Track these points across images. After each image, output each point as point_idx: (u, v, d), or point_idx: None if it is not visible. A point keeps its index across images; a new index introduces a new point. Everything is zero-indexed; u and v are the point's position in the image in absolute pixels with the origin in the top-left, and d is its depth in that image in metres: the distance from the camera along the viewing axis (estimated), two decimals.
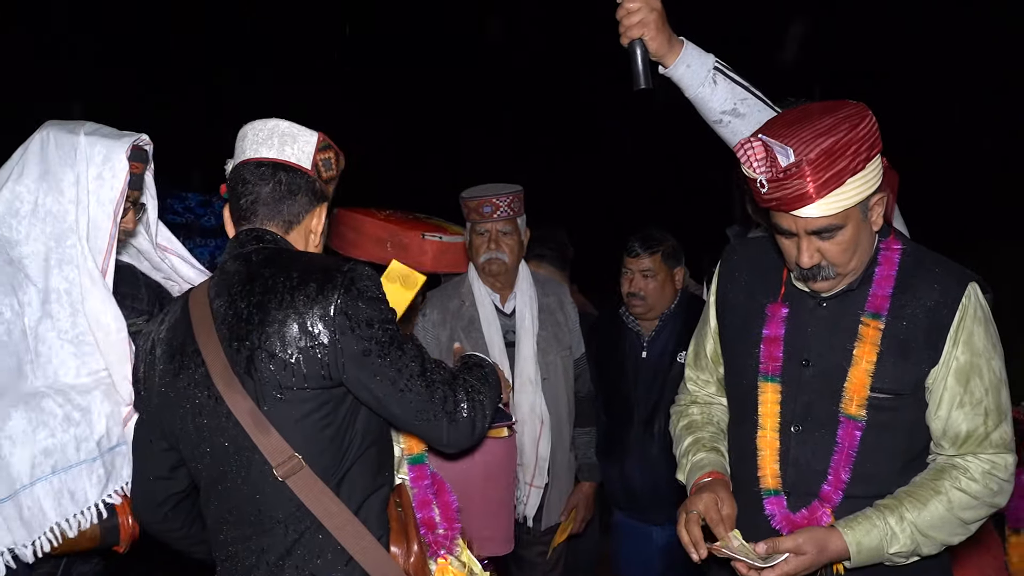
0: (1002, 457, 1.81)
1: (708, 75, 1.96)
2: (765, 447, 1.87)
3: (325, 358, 1.69)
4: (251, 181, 1.83)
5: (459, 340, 3.21)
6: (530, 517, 3.19)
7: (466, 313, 3.22)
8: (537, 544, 3.27)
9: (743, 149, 1.72)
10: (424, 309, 3.34)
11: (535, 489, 3.16)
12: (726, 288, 2.04)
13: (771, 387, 1.88)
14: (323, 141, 1.85)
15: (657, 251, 3.33)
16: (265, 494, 1.73)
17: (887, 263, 1.85)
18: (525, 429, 3.14)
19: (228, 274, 1.79)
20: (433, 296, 3.37)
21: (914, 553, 1.78)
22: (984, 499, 1.80)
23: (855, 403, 1.80)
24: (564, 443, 3.26)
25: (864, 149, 1.71)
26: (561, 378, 3.24)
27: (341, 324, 1.69)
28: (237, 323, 1.73)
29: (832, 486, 1.81)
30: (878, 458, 1.82)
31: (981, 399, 1.80)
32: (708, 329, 2.10)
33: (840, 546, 1.73)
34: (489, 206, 3.12)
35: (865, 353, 1.81)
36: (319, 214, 1.86)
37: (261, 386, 1.70)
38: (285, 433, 1.70)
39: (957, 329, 1.80)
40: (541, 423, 3.15)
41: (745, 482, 1.92)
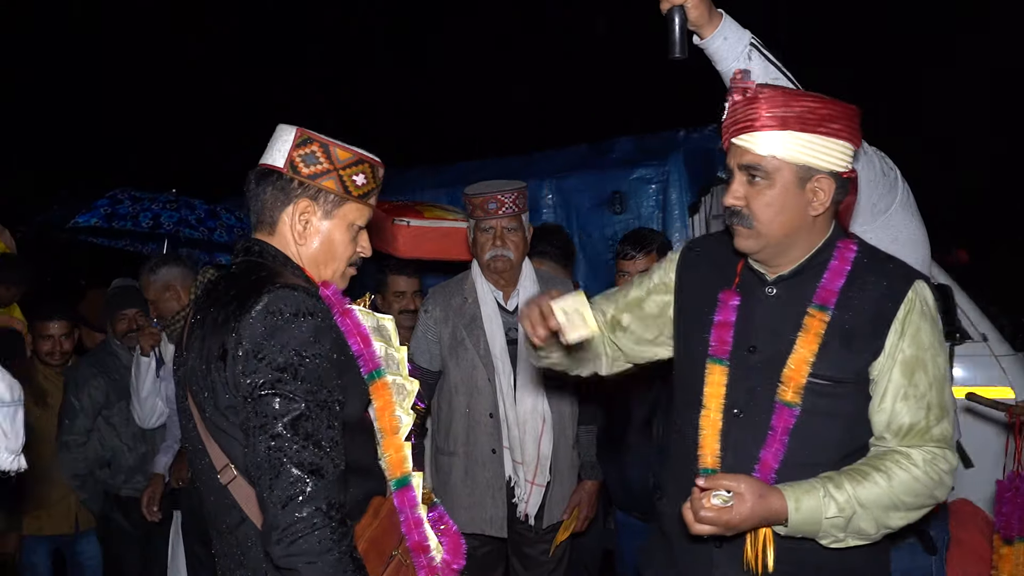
0: (943, 452, 1.82)
1: (744, 51, 1.96)
2: (707, 427, 1.88)
3: (228, 381, 1.63)
4: (248, 191, 1.83)
5: (461, 337, 3.21)
6: (532, 515, 3.18)
7: (468, 310, 3.22)
8: (540, 542, 3.27)
9: (734, 84, 1.81)
10: (426, 305, 3.33)
11: (537, 487, 3.16)
12: (686, 277, 2.07)
13: (718, 369, 1.89)
14: (301, 136, 1.78)
15: (651, 250, 3.33)
16: (216, 497, 1.73)
17: (841, 259, 1.88)
18: (527, 427, 3.14)
19: (211, 281, 1.80)
20: (435, 292, 3.36)
21: (849, 526, 1.76)
22: (925, 485, 1.80)
23: (791, 390, 1.82)
24: (567, 441, 3.25)
25: (829, 122, 1.76)
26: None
27: (234, 349, 1.60)
28: (191, 332, 1.75)
29: (762, 473, 1.81)
30: (815, 446, 1.82)
31: (925, 393, 1.82)
32: (647, 282, 2.13)
33: (780, 503, 1.73)
34: (494, 202, 3.11)
35: (807, 343, 1.83)
36: (296, 211, 1.78)
37: (196, 396, 1.71)
38: (221, 443, 1.68)
39: (904, 322, 1.82)
40: (543, 421, 3.15)
41: (683, 462, 1.94)
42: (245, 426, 1.59)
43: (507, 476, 3.18)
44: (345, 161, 1.79)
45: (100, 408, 4.03)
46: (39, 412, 4.08)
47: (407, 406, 1.81)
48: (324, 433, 1.58)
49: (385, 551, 1.72)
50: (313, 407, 1.57)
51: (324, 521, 1.52)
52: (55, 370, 4.16)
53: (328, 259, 1.83)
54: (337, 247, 1.83)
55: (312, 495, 1.52)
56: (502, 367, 3.15)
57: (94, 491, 4.06)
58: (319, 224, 1.81)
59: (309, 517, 1.52)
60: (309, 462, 1.54)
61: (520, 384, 3.15)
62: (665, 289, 2.10)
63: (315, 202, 1.79)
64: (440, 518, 1.86)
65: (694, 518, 1.72)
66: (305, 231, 1.79)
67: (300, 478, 1.53)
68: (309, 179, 1.77)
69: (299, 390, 1.57)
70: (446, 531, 1.85)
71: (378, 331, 1.81)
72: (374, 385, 1.77)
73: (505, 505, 3.17)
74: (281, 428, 1.54)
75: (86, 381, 4.02)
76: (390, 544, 1.74)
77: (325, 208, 1.80)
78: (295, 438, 1.54)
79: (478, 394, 3.18)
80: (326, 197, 1.79)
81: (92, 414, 4.01)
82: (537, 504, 3.18)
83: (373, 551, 1.68)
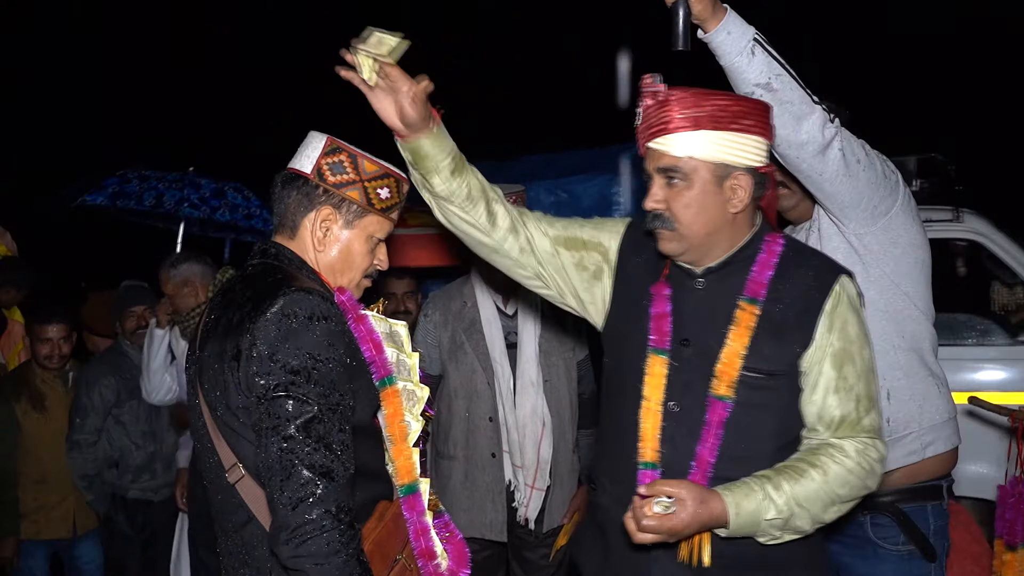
0: (874, 441, 1.85)
1: (747, 45, 1.95)
2: (648, 419, 1.87)
3: (241, 382, 1.64)
4: (273, 194, 1.84)
5: (460, 341, 3.19)
6: (532, 519, 3.18)
7: (468, 314, 3.21)
8: (540, 547, 3.26)
9: (644, 88, 1.83)
10: (426, 310, 3.33)
11: (536, 491, 3.15)
12: (627, 258, 2.05)
13: (659, 360, 1.88)
14: (331, 145, 1.79)
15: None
16: (223, 496, 1.74)
17: (769, 252, 1.90)
18: (527, 431, 3.13)
19: (228, 281, 1.80)
20: (435, 297, 3.36)
21: (787, 525, 1.78)
22: (858, 475, 1.81)
23: (724, 384, 1.82)
24: (567, 445, 3.24)
25: (741, 118, 1.80)
26: (563, 380, 3.22)
27: (248, 350, 1.62)
28: (206, 331, 1.75)
29: (699, 467, 1.82)
30: (751, 439, 1.83)
31: (853, 385, 1.84)
32: (600, 233, 2.06)
33: (720, 508, 1.73)
34: None
35: (739, 336, 1.84)
36: (318, 218, 1.80)
37: (208, 394, 1.71)
38: (231, 442, 1.69)
39: (831, 315, 1.85)
40: (543, 425, 3.14)
41: (622, 456, 1.92)
42: (257, 427, 1.60)
43: (507, 480, 3.17)
44: (372, 174, 1.80)
45: (111, 407, 4.04)
46: (37, 416, 4.08)
47: (417, 412, 1.83)
48: (335, 436, 1.59)
49: (389, 555, 1.73)
50: (325, 410, 1.59)
51: (333, 524, 1.54)
52: (52, 373, 4.15)
53: (345, 268, 1.84)
54: (355, 257, 1.84)
55: (322, 497, 1.54)
56: (501, 371, 3.15)
57: (101, 492, 4.06)
58: (339, 233, 1.82)
59: (319, 519, 1.53)
60: (320, 464, 1.56)
61: (520, 388, 3.14)
62: (604, 256, 2.05)
63: (338, 211, 1.80)
64: (445, 525, 1.87)
65: (636, 527, 1.72)
66: (325, 238, 1.81)
67: (311, 480, 1.54)
68: (334, 187, 1.79)
69: (312, 393, 1.58)
70: (451, 538, 1.86)
71: (391, 337, 1.83)
72: (385, 392, 1.79)
73: (505, 509, 3.16)
74: (293, 430, 1.56)
75: (97, 380, 4.03)
76: (394, 548, 1.75)
77: (347, 218, 1.81)
78: (307, 440, 1.56)
79: (477, 398, 3.17)
80: (349, 207, 1.80)
81: (103, 413, 4.02)
82: (537, 508, 3.18)
83: (377, 554, 1.69)
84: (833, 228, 2.26)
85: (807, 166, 2.08)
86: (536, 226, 2.04)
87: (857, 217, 2.19)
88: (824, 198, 2.18)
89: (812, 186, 2.16)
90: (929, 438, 2.27)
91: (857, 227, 2.22)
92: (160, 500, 4.15)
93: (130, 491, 4.08)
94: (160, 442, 4.14)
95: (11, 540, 4.00)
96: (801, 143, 2.03)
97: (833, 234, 2.26)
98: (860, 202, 2.16)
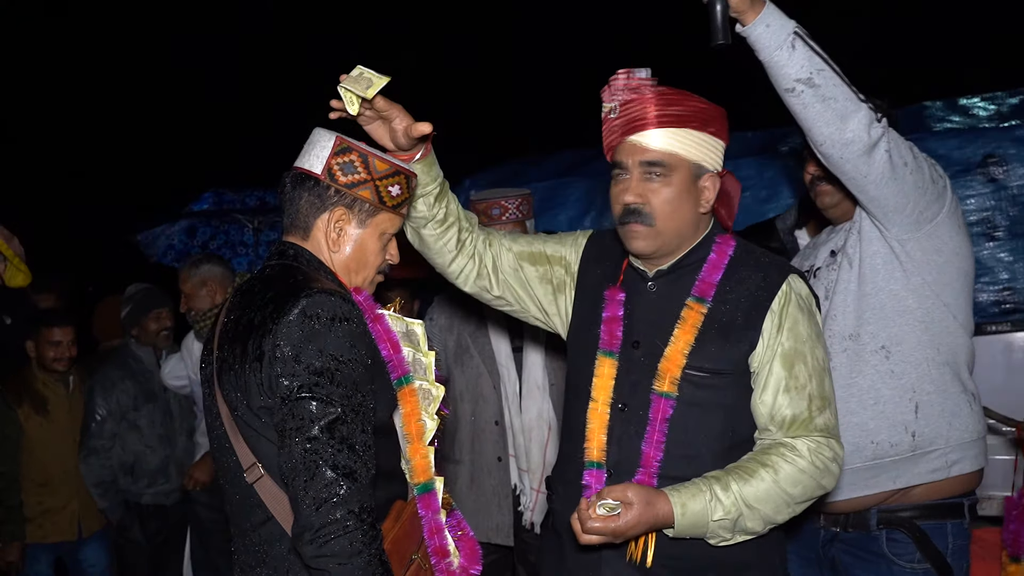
0: (828, 440, 1.85)
1: (788, 39, 1.89)
2: (595, 419, 1.90)
3: (263, 383, 1.65)
4: (283, 193, 1.85)
5: (466, 345, 3.20)
6: (537, 523, 3.16)
7: (473, 318, 3.21)
8: None
9: (610, 80, 1.86)
10: (431, 314, 3.33)
11: (542, 495, 3.13)
12: (587, 270, 2.08)
13: (608, 362, 1.91)
14: (341, 144, 1.79)
15: None
16: (240, 496, 1.75)
17: (719, 253, 1.93)
18: (532, 435, 3.13)
19: (246, 283, 1.82)
20: (441, 301, 3.36)
21: (737, 526, 1.78)
22: (811, 475, 1.81)
23: (667, 381, 1.85)
24: None
25: (710, 122, 1.87)
26: None
27: (271, 351, 1.63)
28: (225, 331, 1.77)
29: (645, 466, 1.83)
30: (697, 439, 1.84)
31: (805, 384, 1.85)
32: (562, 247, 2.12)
33: (666, 508, 1.74)
34: (498, 208, 3.11)
35: (683, 334, 1.86)
36: (332, 219, 1.81)
37: (227, 395, 1.72)
38: (250, 442, 1.70)
39: (780, 315, 1.87)
40: (548, 429, 3.14)
41: (573, 458, 1.94)
42: (280, 428, 1.61)
43: (513, 484, 3.17)
44: (383, 172, 1.81)
45: (126, 412, 4.04)
46: (39, 420, 4.08)
47: (432, 411, 1.85)
48: (358, 437, 1.61)
49: (405, 555, 1.74)
50: (348, 411, 1.61)
51: (356, 524, 1.55)
52: (54, 377, 4.15)
53: (360, 266, 1.85)
54: (369, 255, 1.85)
55: (346, 498, 1.56)
56: (507, 375, 3.15)
57: (115, 499, 4.06)
58: (353, 232, 1.83)
59: (342, 519, 1.55)
60: (344, 465, 1.57)
61: (525, 392, 3.14)
62: (566, 268, 2.11)
63: (350, 210, 1.81)
64: (458, 524, 1.89)
65: (581, 528, 1.73)
66: (339, 238, 1.82)
67: (335, 480, 1.56)
68: (346, 188, 1.80)
69: (336, 394, 1.60)
70: (463, 537, 1.87)
71: (407, 336, 1.85)
72: (402, 391, 1.81)
73: (511, 513, 3.16)
74: (317, 431, 1.57)
75: (114, 385, 4.03)
76: (410, 548, 1.76)
77: (360, 217, 1.82)
78: (331, 441, 1.58)
79: (483, 402, 3.17)
80: (361, 206, 1.81)
81: (118, 418, 4.02)
82: (543, 512, 3.16)
83: (394, 554, 1.70)
84: (875, 232, 2.20)
85: (851, 167, 2.04)
86: (500, 244, 2.10)
87: (901, 222, 2.14)
88: (867, 201, 2.13)
89: (855, 188, 2.11)
90: (956, 456, 2.22)
91: (900, 232, 2.16)
92: (172, 504, 4.16)
93: (144, 496, 4.09)
94: (174, 446, 4.15)
95: (16, 545, 3.99)
96: (846, 142, 1.98)
97: (874, 238, 2.20)
98: (905, 207, 2.11)
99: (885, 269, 2.19)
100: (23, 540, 4.01)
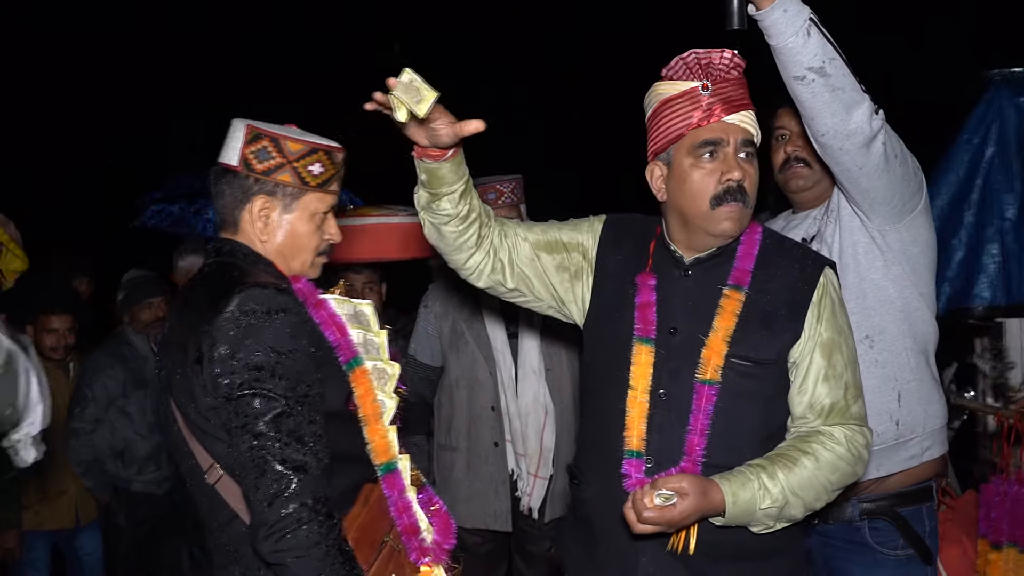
0: (861, 428, 1.87)
1: (803, 25, 1.86)
2: (634, 408, 1.86)
3: (206, 384, 1.64)
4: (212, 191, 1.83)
5: (461, 331, 3.20)
6: (535, 509, 3.17)
7: (468, 304, 3.21)
8: (543, 539, 3.25)
9: (679, 61, 1.83)
10: (427, 301, 3.33)
11: (540, 480, 3.15)
12: (606, 254, 2.04)
13: (645, 349, 1.88)
14: (252, 132, 1.76)
15: None
16: (205, 497, 1.74)
17: (749, 242, 1.91)
18: (529, 420, 3.14)
19: (186, 285, 1.82)
20: (436, 287, 3.36)
21: (781, 514, 1.78)
22: (848, 462, 1.82)
23: (711, 368, 1.83)
24: (569, 434, 3.23)
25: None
26: (565, 368, 3.22)
27: (209, 352, 1.62)
28: (168, 336, 1.77)
29: (689, 455, 1.81)
30: (738, 427, 1.83)
31: (842, 373, 1.86)
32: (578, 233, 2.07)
33: (718, 498, 1.73)
34: (493, 192, 3.12)
35: (724, 321, 1.84)
36: (255, 209, 1.78)
37: (177, 399, 1.72)
38: (206, 444, 1.70)
39: (819, 305, 1.87)
40: (545, 413, 3.15)
41: (606, 447, 1.90)
42: (227, 427, 1.61)
43: (510, 469, 3.17)
44: (298, 153, 1.77)
45: (115, 398, 4.03)
46: None
47: (389, 390, 1.82)
48: (306, 429, 1.60)
49: (376, 538, 1.73)
50: (293, 403, 1.60)
51: (311, 516, 1.55)
52: (54, 364, 4.15)
53: (295, 252, 1.81)
54: (302, 239, 1.81)
55: (297, 491, 1.55)
56: (503, 360, 3.16)
57: (100, 480, 4.05)
58: (280, 218, 1.79)
59: (296, 513, 1.54)
60: (293, 458, 1.57)
61: (521, 376, 3.15)
62: (584, 255, 2.06)
63: (273, 197, 1.77)
64: (430, 499, 1.86)
65: (636, 518, 1.71)
66: (267, 227, 1.79)
67: (284, 475, 1.55)
68: (264, 175, 1.76)
69: (278, 387, 1.59)
70: (436, 512, 1.85)
71: (355, 317, 1.82)
72: (353, 373, 1.77)
73: (509, 499, 3.17)
74: (263, 427, 1.57)
75: (102, 370, 4.02)
76: (381, 530, 1.75)
77: (284, 202, 1.79)
78: (278, 435, 1.57)
79: (479, 387, 3.18)
80: (284, 191, 1.77)
81: (104, 404, 4.01)
82: (540, 497, 3.17)
83: (364, 539, 1.69)
84: (856, 222, 2.20)
85: (848, 158, 2.02)
86: (516, 235, 2.05)
87: (885, 214, 2.15)
88: (857, 192, 2.12)
89: (847, 179, 2.10)
90: (928, 443, 2.25)
91: (882, 223, 2.17)
92: (163, 492, 4.14)
93: (134, 483, 4.07)
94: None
95: (14, 532, 3.99)
96: (849, 133, 1.97)
97: (856, 227, 2.21)
98: (892, 199, 2.12)
99: (866, 259, 2.19)
100: (20, 527, 4.01)
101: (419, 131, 1.84)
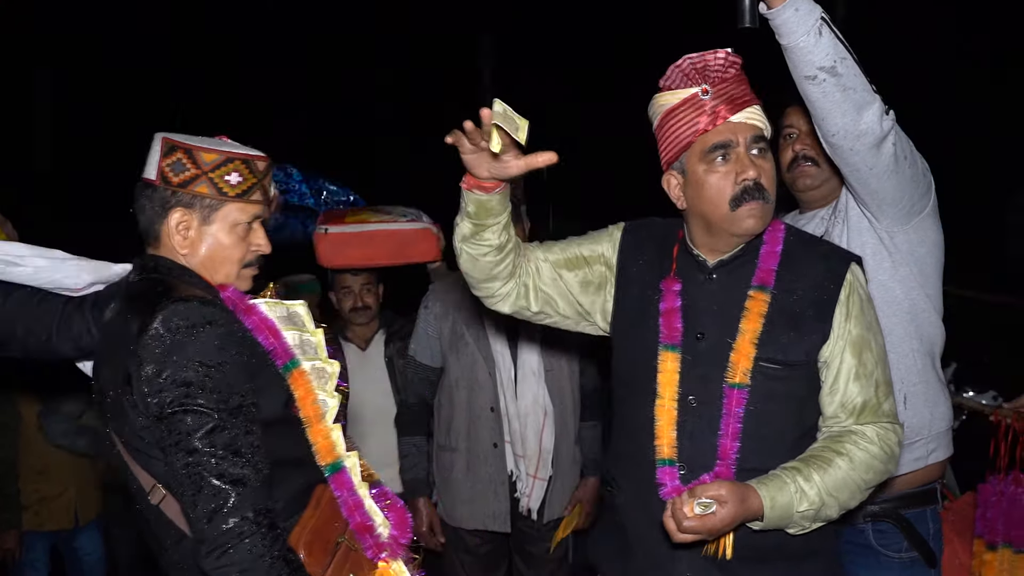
0: (893, 427, 1.85)
1: (815, 24, 1.84)
2: (663, 416, 1.85)
3: (137, 405, 1.62)
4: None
5: (461, 332, 3.20)
6: (534, 510, 3.18)
7: (468, 305, 3.21)
8: (543, 540, 3.26)
9: (675, 70, 1.80)
10: (426, 302, 3.33)
11: (539, 481, 3.15)
12: (628, 261, 2.02)
13: (671, 356, 1.86)
14: (167, 145, 1.75)
15: None
16: (152, 517, 1.72)
17: (772, 241, 1.89)
18: (528, 421, 3.14)
19: (114, 306, 1.79)
20: (435, 288, 3.37)
21: (817, 516, 1.77)
22: (881, 460, 1.82)
23: (739, 372, 1.81)
24: (569, 436, 3.24)
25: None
26: (565, 370, 3.23)
27: (136, 372, 1.59)
28: (99, 357, 1.75)
29: (723, 459, 1.80)
30: (770, 430, 1.82)
31: (872, 371, 1.84)
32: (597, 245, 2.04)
33: (756, 503, 1.72)
34: None
35: (750, 324, 1.83)
36: (172, 222, 1.75)
37: (112, 422, 1.70)
38: (145, 465, 1.68)
39: (847, 304, 1.84)
40: (544, 414, 3.15)
41: (637, 454, 1.89)
42: (162, 445, 1.58)
43: (509, 470, 3.17)
44: (212, 163, 1.74)
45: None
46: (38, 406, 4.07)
47: (330, 389, 1.79)
48: (242, 440, 1.58)
49: (330, 540, 1.70)
50: (226, 416, 1.57)
51: (252, 529, 1.53)
52: None
53: (218, 264, 1.78)
54: (225, 250, 1.78)
55: (236, 505, 1.53)
56: (503, 361, 3.16)
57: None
58: (200, 230, 1.77)
59: (236, 527, 1.52)
60: (230, 472, 1.54)
61: (521, 377, 3.15)
62: (605, 264, 2.04)
63: (191, 209, 1.75)
64: (383, 494, 1.84)
65: (676, 527, 1.71)
66: (186, 240, 1.76)
67: (222, 489, 1.53)
68: (180, 187, 1.74)
69: (210, 402, 1.57)
70: (392, 506, 1.82)
71: (289, 319, 1.79)
72: (291, 376, 1.75)
73: (508, 500, 3.17)
74: (197, 442, 1.55)
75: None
76: (335, 532, 1.72)
77: (202, 214, 1.76)
78: (213, 450, 1.55)
79: (479, 388, 3.18)
80: (201, 202, 1.75)
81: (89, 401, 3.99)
82: (539, 498, 3.18)
83: (318, 542, 1.67)
84: (864, 223, 2.19)
85: (859, 159, 2.01)
86: (536, 257, 2.02)
87: (894, 215, 2.13)
88: (866, 193, 2.11)
89: (856, 180, 2.08)
90: (933, 445, 2.24)
91: (891, 224, 2.15)
92: None
93: None
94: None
95: (13, 533, 3.99)
96: (859, 133, 1.95)
97: (864, 228, 2.20)
98: (900, 200, 2.10)
99: (874, 260, 2.18)
100: (19, 528, 4.01)
101: (483, 163, 1.76)
